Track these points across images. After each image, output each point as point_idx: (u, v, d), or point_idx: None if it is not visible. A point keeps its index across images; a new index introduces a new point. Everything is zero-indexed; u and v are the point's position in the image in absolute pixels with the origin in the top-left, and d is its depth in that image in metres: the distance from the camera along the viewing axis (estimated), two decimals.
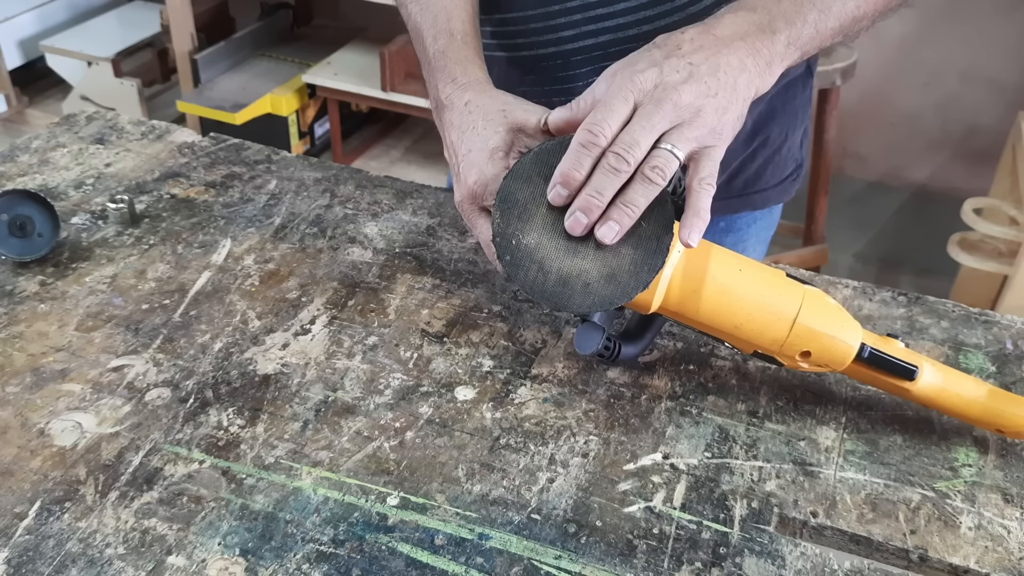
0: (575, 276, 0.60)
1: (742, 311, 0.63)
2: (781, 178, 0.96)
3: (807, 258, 2.12)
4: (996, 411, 0.64)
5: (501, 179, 0.63)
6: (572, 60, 0.83)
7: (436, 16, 0.74)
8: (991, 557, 0.59)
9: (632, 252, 0.60)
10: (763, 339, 0.64)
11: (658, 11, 0.79)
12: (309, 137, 2.77)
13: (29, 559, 0.56)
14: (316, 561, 0.57)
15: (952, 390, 0.65)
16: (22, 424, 0.65)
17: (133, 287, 0.79)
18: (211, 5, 2.85)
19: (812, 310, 0.63)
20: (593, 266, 0.60)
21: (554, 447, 0.65)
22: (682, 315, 0.65)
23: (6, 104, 3.00)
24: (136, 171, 0.95)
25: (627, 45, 0.81)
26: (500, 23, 0.85)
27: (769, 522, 0.61)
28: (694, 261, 0.63)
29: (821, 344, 0.63)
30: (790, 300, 0.63)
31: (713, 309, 0.64)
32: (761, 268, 0.65)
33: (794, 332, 0.63)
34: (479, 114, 0.67)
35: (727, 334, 0.65)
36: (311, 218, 0.89)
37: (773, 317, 0.63)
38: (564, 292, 0.61)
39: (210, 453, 0.64)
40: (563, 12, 0.80)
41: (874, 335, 0.65)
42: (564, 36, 0.82)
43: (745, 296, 0.63)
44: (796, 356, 0.64)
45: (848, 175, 2.65)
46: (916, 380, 0.64)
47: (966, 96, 2.43)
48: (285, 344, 0.73)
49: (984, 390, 0.65)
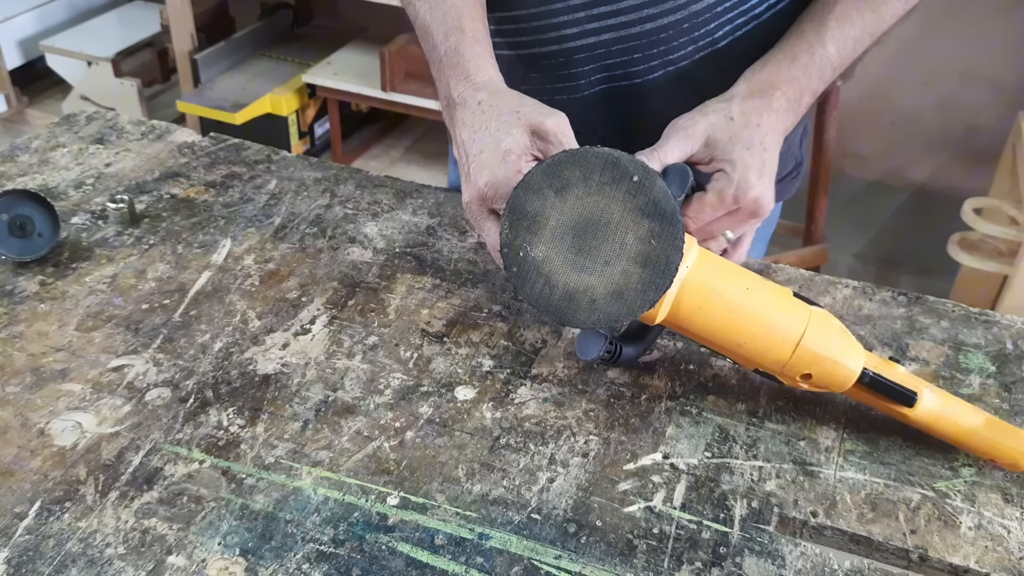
0: (581, 292, 0.60)
1: (746, 331, 0.63)
2: (780, 176, 0.96)
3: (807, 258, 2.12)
4: (991, 443, 0.64)
5: (512, 182, 0.62)
6: (575, 58, 0.83)
7: (446, 13, 0.74)
8: (991, 557, 0.59)
9: (640, 271, 0.60)
10: (765, 359, 0.64)
11: (660, 9, 0.79)
12: (309, 137, 2.76)
13: (29, 559, 0.56)
14: (316, 561, 0.57)
15: (950, 417, 0.64)
16: (22, 424, 0.65)
17: (133, 287, 0.79)
18: (211, 5, 2.85)
19: (816, 333, 0.63)
20: (600, 283, 0.60)
21: (554, 447, 0.65)
22: (686, 329, 0.65)
23: (6, 104, 3.00)
24: (136, 171, 0.95)
25: (630, 43, 0.81)
26: (503, 20, 0.85)
27: (769, 522, 0.61)
28: (701, 278, 0.63)
29: (823, 368, 0.63)
30: (795, 322, 0.63)
31: (717, 327, 0.64)
32: (768, 287, 0.64)
33: (796, 354, 0.63)
34: (492, 114, 0.67)
35: (730, 351, 0.65)
36: (311, 218, 0.89)
37: (777, 338, 0.63)
38: (569, 307, 0.61)
39: (210, 453, 0.64)
40: (566, 10, 0.80)
41: (876, 357, 0.65)
42: (567, 34, 0.82)
43: (750, 316, 0.63)
44: (797, 377, 0.64)
45: (848, 175, 2.65)
46: (915, 407, 0.64)
47: (966, 96, 2.43)
48: (285, 344, 0.73)
49: (981, 419, 0.64)
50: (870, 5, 0.77)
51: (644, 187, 0.58)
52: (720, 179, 0.69)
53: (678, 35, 0.81)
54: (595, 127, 0.87)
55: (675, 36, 0.81)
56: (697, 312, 0.63)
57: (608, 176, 0.59)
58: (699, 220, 0.69)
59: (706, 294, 0.63)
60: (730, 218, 0.70)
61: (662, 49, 0.81)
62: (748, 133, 0.70)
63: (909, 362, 0.74)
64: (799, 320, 0.63)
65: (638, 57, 0.82)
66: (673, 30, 0.80)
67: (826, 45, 0.76)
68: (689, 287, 0.63)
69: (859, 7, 0.77)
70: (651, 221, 0.59)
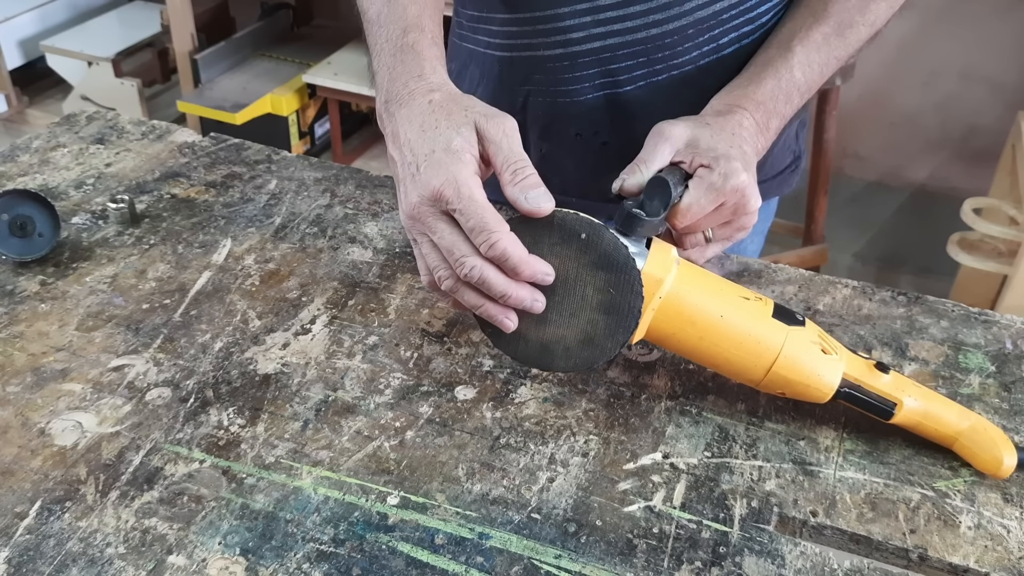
0: (555, 342, 0.64)
1: (719, 355, 0.65)
2: (779, 170, 0.96)
3: (807, 258, 2.12)
4: (969, 452, 0.65)
5: (470, 182, 0.60)
6: (579, 62, 0.83)
7: (406, 9, 0.72)
8: (991, 556, 0.59)
9: (605, 318, 0.62)
10: (739, 378, 0.67)
11: (667, 15, 0.79)
12: (309, 137, 2.77)
13: (29, 559, 0.56)
14: (316, 560, 0.57)
15: (930, 425, 0.65)
16: (22, 424, 0.66)
17: (133, 287, 0.79)
18: (211, 5, 2.86)
19: (789, 357, 0.63)
20: (570, 333, 0.63)
21: (554, 446, 0.66)
22: (663, 346, 0.68)
23: (6, 104, 3.00)
24: (136, 171, 0.95)
25: (635, 48, 0.81)
26: (505, 23, 0.85)
27: (769, 521, 0.61)
28: (675, 306, 0.63)
29: (795, 389, 0.65)
30: (768, 348, 0.64)
31: (690, 351, 0.66)
32: (745, 312, 0.64)
33: (768, 378, 0.64)
34: (442, 113, 0.64)
35: (709, 367, 0.68)
36: (311, 218, 0.89)
37: (750, 363, 0.64)
38: (546, 357, 0.64)
39: (210, 453, 0.64)
40: (573, 14, 0.80)
41: (863, 365, 0.65)
42: (572, 38, 0.82)
43: (722, 342, 0.64)
44: (775, 391, 0.66)
45: (848, 175, 2.65)
46: (892, 418, 0.65)
47: (966, 96, 2.43)
48: (285, 344, 0.74)
49: (965, 425, 0.64)
50: (836, 30, 0.78)
51: (592, 243, 0.61)
52: (703, 174, 0.68)
53: (683, 41, 0.81)
54: (597, 130, 0.87)
55: (680, 42, 0.81)
56: (671, 338, 0.65)
57: (557, 237, 0.61)
58: (685, 220, 0.69)
59: (679, 323, 0.64)
60: (716, 214, 0.70)
61: (667, 54, 0.81)
62: (727, 135, 0.71)
63: (909, 362, 0.74)
64: (772, 346, 0.64)
65: (643, 61, 0.82)
66: (679, 36, 0.80)
67: (792, 71, 0.77)
68: (663, 314, 0.64)
69: (825, 32, 0.78)
70: (607, 272, 0.61)
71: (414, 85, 0.66)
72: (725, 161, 0.68)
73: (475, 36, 0.89)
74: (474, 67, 0.91)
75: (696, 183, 0.68)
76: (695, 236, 0.72)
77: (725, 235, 0.73)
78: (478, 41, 0.89)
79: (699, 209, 0.68)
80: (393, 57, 0.69)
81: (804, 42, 0.78)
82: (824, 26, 0.78)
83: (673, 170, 0.69)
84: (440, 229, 0.61)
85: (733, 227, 0.72)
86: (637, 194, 0.68)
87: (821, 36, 0.78)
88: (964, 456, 0.65)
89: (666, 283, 0.63)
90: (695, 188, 0.68)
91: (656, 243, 0.64)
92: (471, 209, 0.59)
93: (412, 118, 0.64)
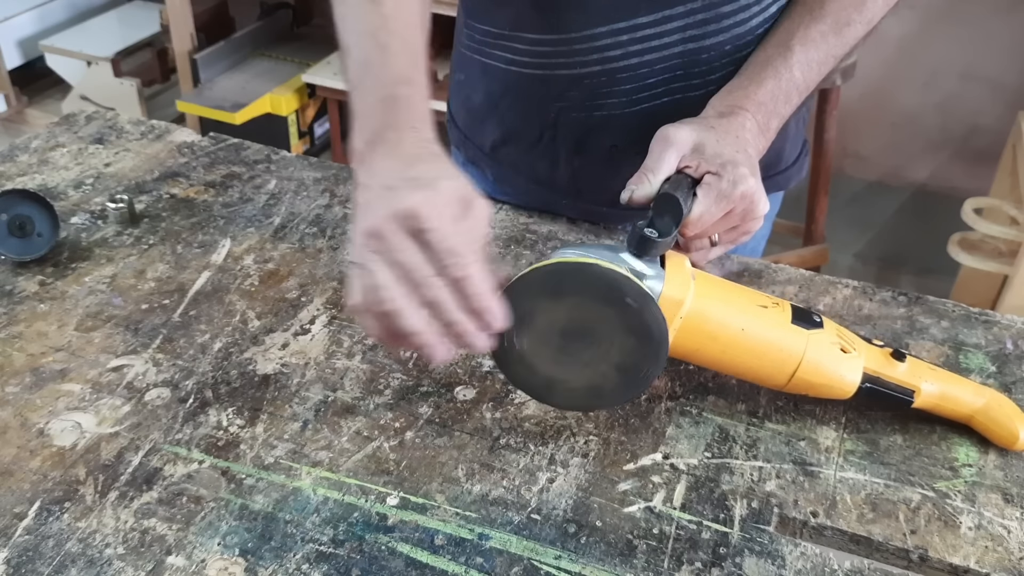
0: (560, 381, 0.63)
1: (742, 366, 0.66)
2: (792, 160, 0.96)
3: (807, 258, 2.12)
4: (985, 428, 0.66)
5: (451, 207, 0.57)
6: (617, 77, 0.82)
7: (405, 41, 0.68)
8: (991, 557, 0.59)
9: (617, 376, 0.62)
10: (763, 384, 0.68)
11: (704, 31, 0.79)
12: (309, 137, 2.76)
13: (29, 559, 0.56)
14: (316, 561, 0.57)
15: (948, 406, 0.67)
16: (22, 424, 0.65)
17: (133, 287, 0.79)
18: (211, 5, 2.85)
19: (812, 361, 0.64)
20: (579, 379, 0.63)
21: (554, 447, 0.65)
22: (685, 360, 0.68)
23: (6, 104, 3.00)
24: (136, 171, 0.95)
25: (671, 62, 0.80)
26: (536, 42, 0.83)
27: (769, 522, 0.61)
28: (696, 324, 0.64)
29: (819, 391, 0.66)
30: (790, 355, 0.64)
31: (713, 364, 0.67)
32: (764, 321, 0.64)
33: (791, 383, 0.65)
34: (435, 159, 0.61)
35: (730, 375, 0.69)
36: (311, 218, 0.89)
37: (773, 371, 0.65)
38: (548, 393, 0.64)
39: (210, 453, 0.64)
40: (610, 33, 0.79)
41: (879, 355, 0.66)
42: (609, 56, 0.81)
43: (744, 354, 0.65)
44: (797, 393, 0.67)
45: (848, 175, 2.65)
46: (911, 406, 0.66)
47: (966, 96, 2.43)
48: (285, 344, 0.73)
49: (981, 402, 0.66)
50: (833, 28, 0.78)
51: (636, 312, 0.60)
52: (711, 181, 0.69)
53: (720, 56, 0.80)
54: (633, 141, 0.86)
55: (717, 58, 0.80)
56: (693, 353, 0.66)
57: (603, 295, 0.60)
58: (695, 229, 0.69)
59: (701, 339, 0.64)
60: (724, 221, 0.71)
61: (703, 69, 0.81)
62: (731, 139, 0.72)
63: None
64: (794, 353, 0.64)
65: (680, 75, 0.81)
66: (716, 51, 0.80)
67: (792, 70, 0.77)
68: (683, 331, 0.64)
69: (823, 31, 0.78)
70: (638, 340, 0.60)
71: (406, 134, 0.63)
72: (732, 167, 0.69)
73: (493, 52, 0.87)
74: (492, 81, 0.89)
75: (705, 191, 0.69)
76: (702, 241, 0.72)
77: (731, 239, 0.74)
78: (497, 57, 0.87)
79: (709, 218, 0.69)
80: (383, 103, 0.65)
81: (803, 41, 0.78)
82: (821, 24, 0.78)
83: (680, 179, 0.69)
84: (406, 247, 0.57)
85: (739, 231, 0.73)
86: (646, 204, 0.68)
87: (819, 35, 0.78)
88: (981, 432, 0.66)
89: (686, 303, 0.63)
90: (704, 196, 0.68)
91: (670, 260, 0.64)
92: (447, 230, 0.56)
93: (399, 154, 0.61)
